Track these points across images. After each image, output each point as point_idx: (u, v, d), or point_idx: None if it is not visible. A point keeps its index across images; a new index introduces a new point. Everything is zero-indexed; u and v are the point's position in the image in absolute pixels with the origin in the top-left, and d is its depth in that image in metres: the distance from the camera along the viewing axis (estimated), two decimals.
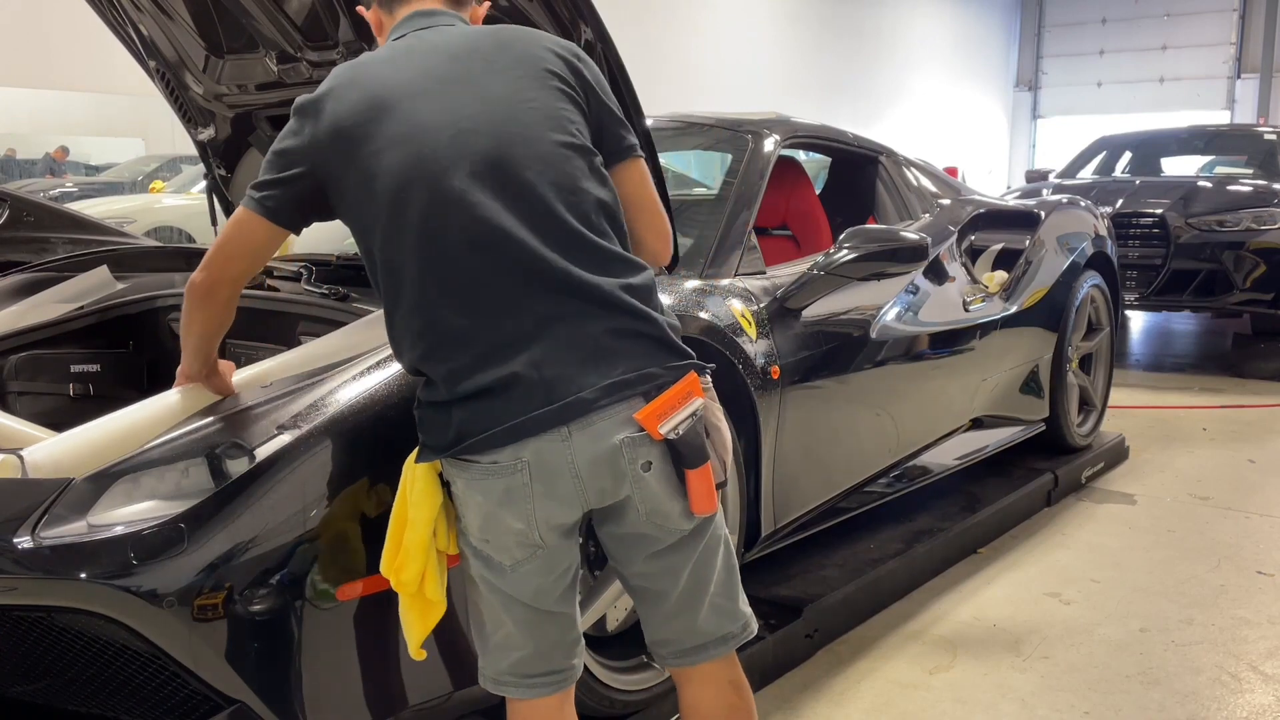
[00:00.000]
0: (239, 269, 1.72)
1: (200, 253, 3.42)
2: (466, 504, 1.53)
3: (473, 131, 1.51)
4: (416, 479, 1.53)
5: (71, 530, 1.76)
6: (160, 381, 2.97)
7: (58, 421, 2.53)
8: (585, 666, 2.14)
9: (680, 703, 1.74)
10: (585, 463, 1.46)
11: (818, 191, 3.78)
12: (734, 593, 1.68)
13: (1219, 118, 18.28)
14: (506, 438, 1.44)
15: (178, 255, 3.49)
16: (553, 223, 1.49)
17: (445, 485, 1.57)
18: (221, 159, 3.23)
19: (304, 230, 1.73)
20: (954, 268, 3.79)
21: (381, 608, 1.84)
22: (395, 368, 1.96)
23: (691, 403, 1.49)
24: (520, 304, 1.46)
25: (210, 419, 1.92)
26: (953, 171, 7.20)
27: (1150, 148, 8.63)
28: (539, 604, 1.56)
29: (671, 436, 1.47)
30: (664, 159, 2.74)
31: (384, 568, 1.57)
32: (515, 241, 1.46)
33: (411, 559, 1.52)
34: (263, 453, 1.81)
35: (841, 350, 2.98)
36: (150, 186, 10.84)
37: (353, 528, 1.81)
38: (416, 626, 1.61)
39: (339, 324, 2.54)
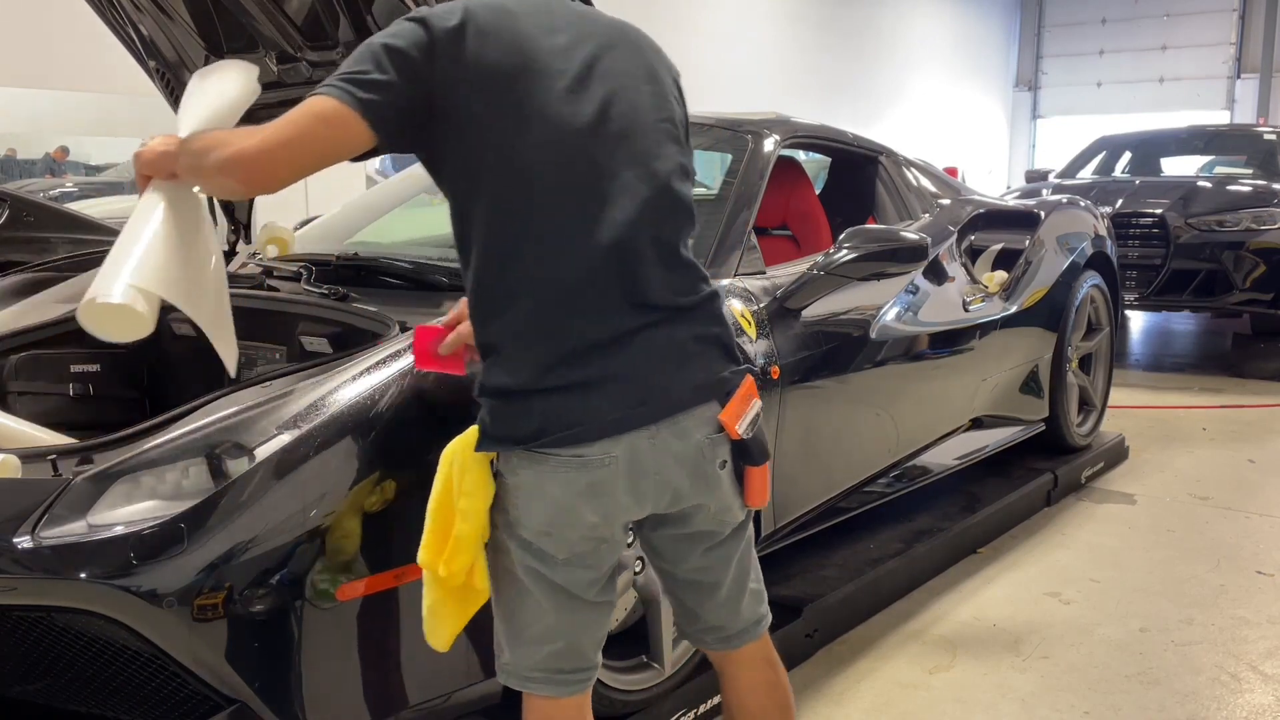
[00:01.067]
0: (298, 173, 1.47)
1: None
2: (532, 495, 1.48)
3: (613, 134, 1.51)
4: (469, 469, 1.49)
5: (71, 530, 1.76)
6: (161, 381, 2.97)
7: (58, 421, 2.53)
8: None
9: (724, 685, 1.75)
10: (670, 461, 1.50)
11: (818, 191, 3.78)
12: (760, 575, 1.76)
13: (1219, 118, 18.27)
14: (599, 433, 1.45)
15: None
16: (658, 231, 1.53)
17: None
18: None
19: (304, 230, 1.72)
20: (954, 268, 3.78)
21: (381, 608, 1.84)
22: (395, 368, 1.96)
23: (754, 404, 1.58)
24: (624, 303, 1.48)
25: (210, 419, 1.93)
26: (953, 171, 7.19)
27: (1150, 148, 8.63)
28: (587, 595, 1.55)
29: (745, 436, 1.55)
30: None
31: (425, 559, 1.52)
32: (629, 244, 1.49)
33: (463, 549, 1.50)
34: (263, 453, 1.81)
35: (841, 350, 2.98)
36: None
37: (352, 528, 1.81)
38: (454, 618, 1.57)
39: (338, 324, 2.54)
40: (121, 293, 1.58)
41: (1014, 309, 3.94)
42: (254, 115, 3.06)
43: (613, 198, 1.49)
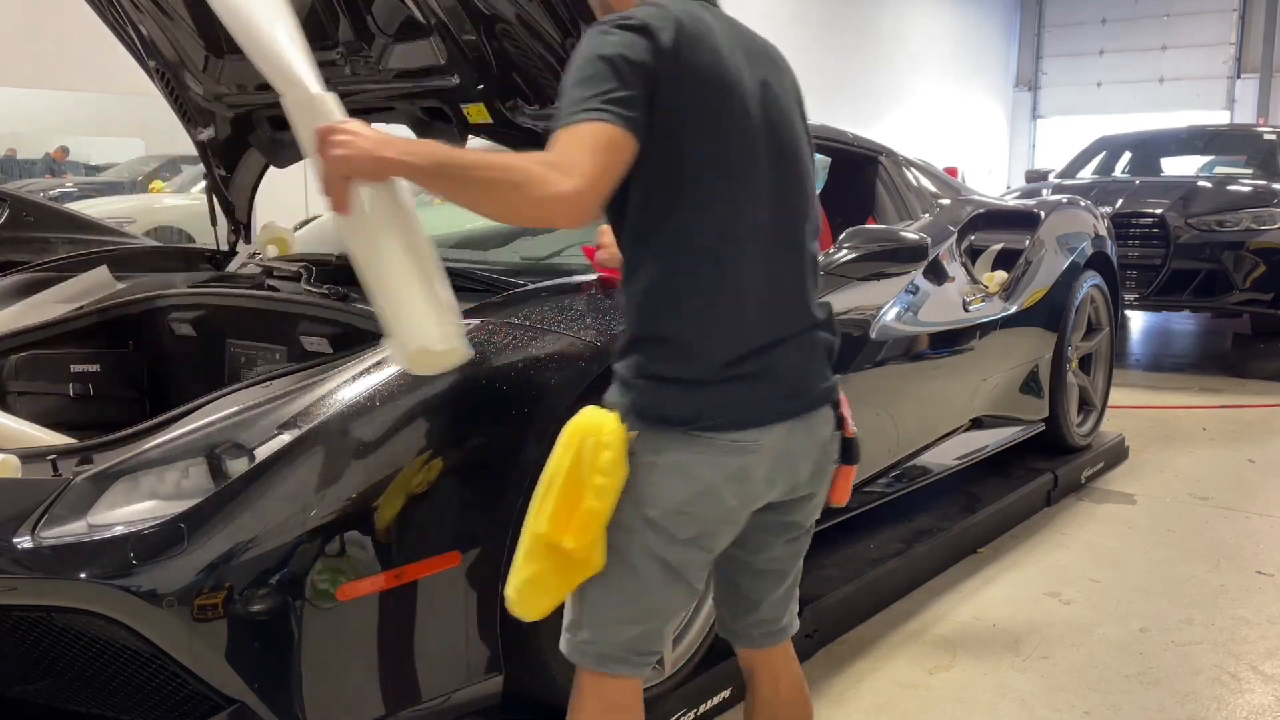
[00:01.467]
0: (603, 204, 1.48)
1: (198, 252, 3.45)
2: (674, 475, 1.53)
3: (787, 155, 1.62)
4: (607, 446, 1.51)
5: (71, 530, 1.76)
6: (160, 381, 2.97)
7: (58, 421, 2.54)
8: None
9: (758, 681, 1.80)
10: (801, 453, 1.61)
11: (818, 191, 3.78)
12: None
13: (1219, 118, 18.26)
14: (755, 421, 1.54)
15: (178, 255, 3.49)
16: (813, 247, 1.67)
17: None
18: (221, 159, 3.23)
19: (304, 230, 1.72)
20: (954, 268, 3.78)
21: (381, 608, 1.84)
22: (394, 368, 1.96)
23: (847, 408, 1.71)
24: (793, 308, 1.61)
25: (210, 419, 1.93)
26: (953, 171, 7.18)
27: (1150, 148, 8.63)
28: (692, 578, 1.60)
29: (852, 435, 1.71)
30: None
31: (548, 531, 1.51)
32: (801, 254, 1.63)
33: (594, 524, 1.52)
34: (263, 453, 1.81)
35: (841, 350, 2.97)
36: (150, 186, 10.84)
37: (353, 527, 1.81)
38: (559, 591, 1.57)
39: (338, 324, 2.55)
40: (455, 336, 1.60)
41: (1014, 309, 3.94)
42: (255, 117, 3.08)
43: (789, 212, 1.61)
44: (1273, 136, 8.22)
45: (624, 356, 1.56)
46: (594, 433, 1.52)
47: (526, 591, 1.55)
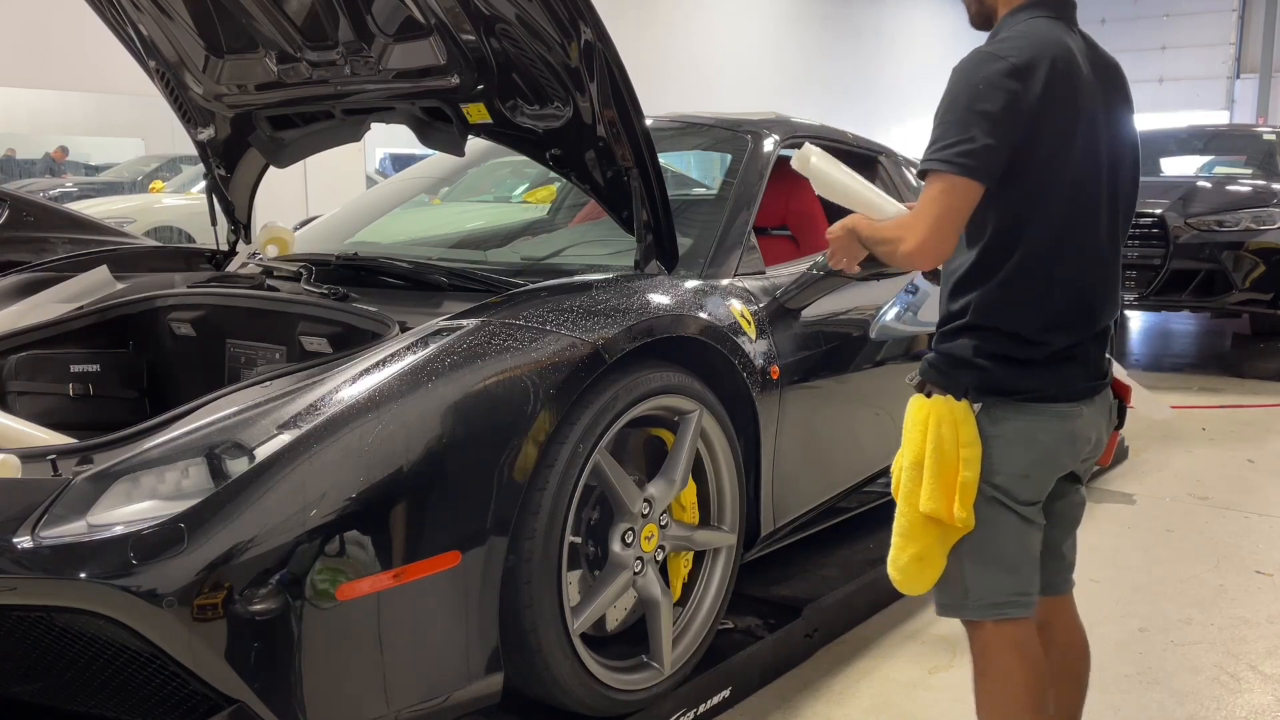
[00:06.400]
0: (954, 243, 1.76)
1: (198, 252, 3.45)
2: (1017, 442, 1.76)
3: (1123, 170, 1.83)
4: (965, 422, 1.74)
5: (71, 530, 1.76)
6: (160, 381, 2.97)
7: (58, 421, 2.53)
8: (585, 667, 2.16)
9: (1056, 629, 1.99)
10: (1102, 418, 1.87)
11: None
12: None
13: (1218, 118, 18.27)
14: (1081, 395, 1.80)
15: (178, 255, 3.49)
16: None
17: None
18: (221, 159, 3.23)
19: (304, 230, 1.74)
20: None
21: (382, 607, 1.84)
22: (395, 368, 1.96)
23: (1124, 378, 1.98)
24: (1108, 307, 1.83)
25: (210, 419, 1.93)
26: None
27: (1149, 148, 8.61)
28: (1038, 519, 1.82)
29: (1131, 405, 1.98)
30: (664, 159, 2.75)
31: (937, 509, 1.74)
32: (1119, 259, 1.86)
33: (968, 493, 1.74)
34: (263, 453, 1.81)
35: (841, 350, 2.98)
36: (150, 186, 10.85)
37: (353, 527, 1.81)
38: (940, 560, 1.80)
39: (338, 324, 2.55)
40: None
41: None
42: (255, 117, 3.08)
43: (1117, 225, 1.82)
44: (1272, 136, 8.23)
45: (957, 338, 1.79)
46: (946, 414, 1.74)
47: (914, 569, 1.80)
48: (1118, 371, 1.98)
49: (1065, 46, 1.72)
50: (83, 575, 1.71)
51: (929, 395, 1.79)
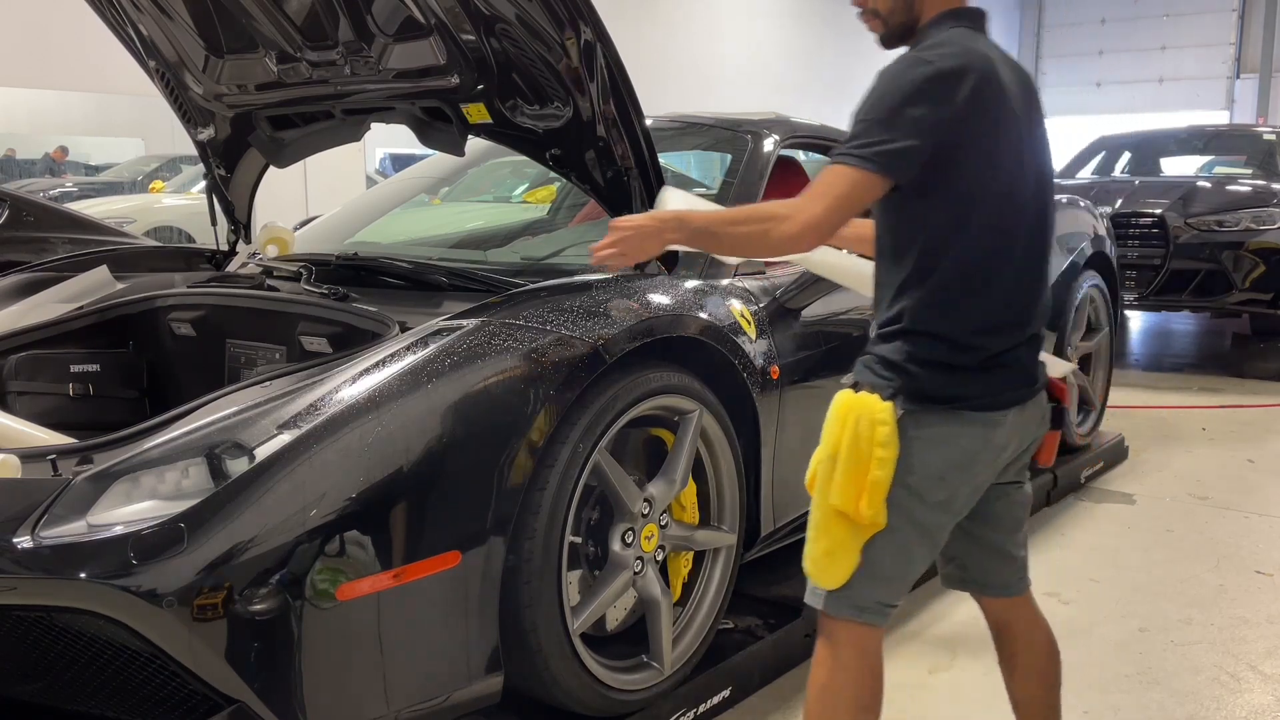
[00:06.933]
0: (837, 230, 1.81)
1: (198, 252, 3.45)
2: (937, 445, 1.75)
3: (1045, 176, 1.86)
4: (883, 422, 1.73)
5: (71, 530, 1.76)
6: (160, 381, 2.97)
7: (58, 421, 2.53)
8: (585, 667, 2.16)
9: (1010, 630, 2.04)
10: (1030, 424, 1.86)
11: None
12: None
13: (1218, 118, 18.25)
14: (1009, 403, 1.79)
15: (178, 255, 3.49)
16: (1049, 255, 1.91)
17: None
18: (221, 159, 3.23)
19: (304, 230, 1.74)
20: None
21: (382, 607, 1.84)
22: (395, 368, 1.96)
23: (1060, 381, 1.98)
24: (1037, 311, 1.85)
25: (210, 419, 1.93)
26: None
27: (1149, 148, 8.63)
28: (939, 539, 1.84)
29: (1066, 404, 1.98)
30: (664, 159, 2.74)
31: (843, 504, 1.73)
32: (1047, 263, 1.88)
33: (878, 492, 1.73)
34: (263, 453, 1.81)
35: (841, 350, 2.98)
36: (150, 186, 10.85)
37: (353, 527, 1.81)
38: (852, 555, 1.77)
39: (338, 324, 2.55)
40: None
41: None
42: (255, 117, 3.08)
43: (1043, 228, 1.84)
44: (1272, 136, 8.22)
45: (890, 342, 1.78)
46: (866, 412, 1.73)
47: (825, 562, 1.78)
48: (1053, 369, 1.97)
49: (988, 57, 1.73)
50: (83, 575, 1.71)
51: (857, 391, 1.79)
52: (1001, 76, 1.73)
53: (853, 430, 1.73)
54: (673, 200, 2.12)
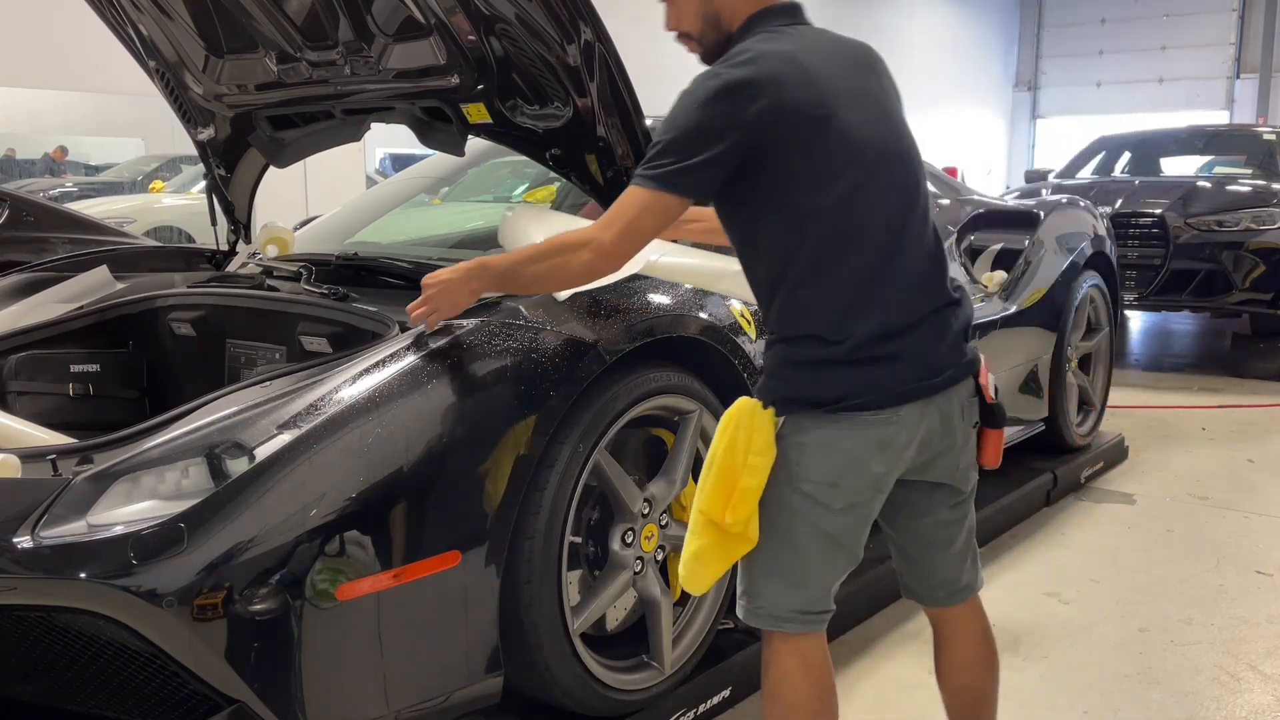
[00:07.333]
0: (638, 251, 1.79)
1: (198, 252, 3.45)
2: (822, 451, 1.70)
3: (893, 154, 1.77)
4: (759, 430, 1.70)
5: (71, 530, 1.76)
6: (160, 381, 2.97)
7: (58, 421, 2.53)
8: (585, 666, 2.16)
9: (944, 638, 1.99)
10: (936, 423, 1.76)
11: None
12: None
13: (1218, 118, 18.24)
14: (897, 399, 1.70)
15: (178, 255, 3.49)
16: (933, 233, 1.81)
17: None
18: (221, 159, 3.23)
19: (304, 230, 1.74)
20: (953, 268, 3.78)
21: (381, 607, 1.84)
22: (394, 368, 1.96)
23: (991, 376, 1.89)
24: (920, 294, 1.74)
25: (210, 419, 1.93)
26: (952, 171, 7.16)
27: (1149, 148, 8.62)
28: (848, 543, 1.76)
29: (995, 400, 1.87)
30: None
31: (710, 509, 1.69)
32: (920, 241, 1.76)
33: (748, 501, 1.69)
34: (263, 453, 1.81)
35: None
36: (150, 186, 10.84)
37: (353, 527, 1.81)
38: (718, 565, 1.73)
39: (338, 324, 2.54)
40: None
41: (1013, 309, 3.94)
42: (255, 117, 3.07)
43: (901, 208, 1.74)
44: (1272, 136, 8.22)
45: (770, 348, 1.77)
46: (746, 418, 1.70)
47: (692, 566, 1.73)
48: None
49: (788, 54, 1.69)
50: (83, 575, 1.71)
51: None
52: (810, 68, 1.68)
53: (731, 436, 1.70)
54: (521, 225, 2.07)
